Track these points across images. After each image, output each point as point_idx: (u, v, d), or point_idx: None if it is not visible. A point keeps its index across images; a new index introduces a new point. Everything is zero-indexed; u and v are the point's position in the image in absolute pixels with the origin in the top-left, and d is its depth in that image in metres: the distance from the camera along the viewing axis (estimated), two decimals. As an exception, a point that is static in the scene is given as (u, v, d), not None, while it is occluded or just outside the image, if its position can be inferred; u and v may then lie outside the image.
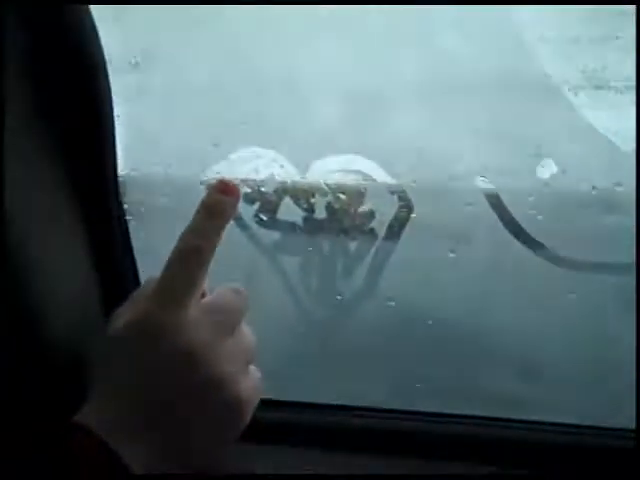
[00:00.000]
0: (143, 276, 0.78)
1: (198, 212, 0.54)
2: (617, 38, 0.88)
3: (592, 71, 0.90)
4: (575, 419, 0.82)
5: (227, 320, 0.53)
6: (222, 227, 0.54)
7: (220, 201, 0.54)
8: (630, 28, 0.75)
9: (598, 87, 0.91)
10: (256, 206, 1.06)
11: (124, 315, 0.53)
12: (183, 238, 0.52)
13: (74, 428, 0.48)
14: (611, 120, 0.94)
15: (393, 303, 1.00)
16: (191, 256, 0.52)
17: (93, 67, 0.64)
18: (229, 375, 0.52)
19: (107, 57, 0.62)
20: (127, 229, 0.78)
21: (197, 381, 0.50)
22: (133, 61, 0.92)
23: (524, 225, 1.03)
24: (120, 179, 0.73)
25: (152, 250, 0.97)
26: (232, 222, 1.03)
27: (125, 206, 0.82)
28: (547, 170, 0.98)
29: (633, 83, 0.83)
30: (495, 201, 1.03)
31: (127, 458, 0.47)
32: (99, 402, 0.50)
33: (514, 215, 1.04)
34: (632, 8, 0.76)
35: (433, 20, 0.92)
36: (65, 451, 0.47)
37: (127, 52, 0.93)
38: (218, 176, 1.02)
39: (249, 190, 1.03)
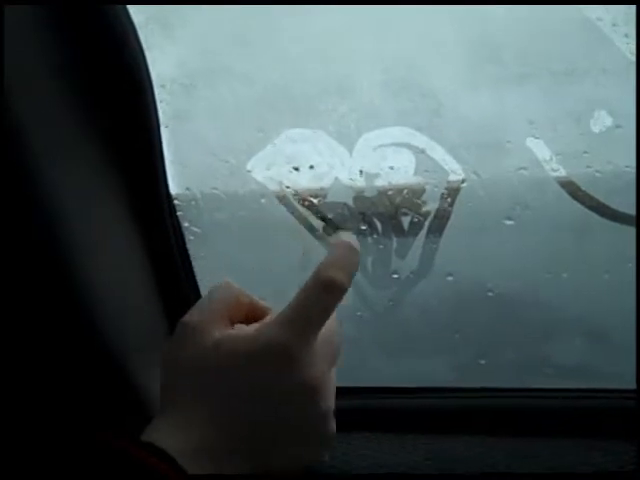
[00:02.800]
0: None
1: (337, 247, 0.53)
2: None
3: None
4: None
5: (337, 354, 0.54)
6: (357, 265, 0.54)
7: (355, 240, 0.54)
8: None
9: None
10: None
11: (213, 333, 0.52)
12: (324, 269, 0.51)
13: (146, 449, 0.47)
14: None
15: (451, 278, 0.98)
16: (331, 288, 0.51)
17: (136, 69, 0.63)
18: (331, 410, 0.53)
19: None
20: (181, 227, 0.78)
21: (311, 414, 0.51)
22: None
23: (582, 184, 1.00)
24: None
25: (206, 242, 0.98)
26: (283, 207, 1.04)
27: (176, 201, 0.82)
28: (601, 123, 0.94)
29: None
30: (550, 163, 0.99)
31: None
32: (184, 426, 0.49)
33: (570, 175, 1.00)
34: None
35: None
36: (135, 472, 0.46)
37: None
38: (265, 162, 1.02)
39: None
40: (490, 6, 0.85)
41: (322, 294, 0.51)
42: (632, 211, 0.97)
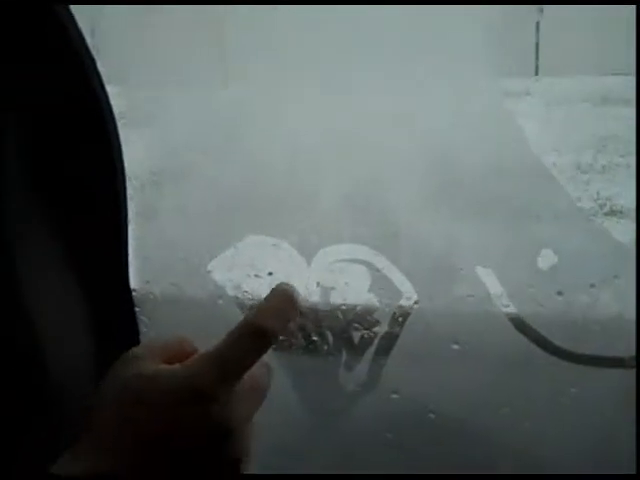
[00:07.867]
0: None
1: (273, 295, 0.53)
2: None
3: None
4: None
5: (260, 399, 0.54)
6: (294, 313, 0.54)
7: (293, 289, 0.54)
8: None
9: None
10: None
11: (143, 372, 0.52)
12: (255, 316, 0.52)
13: None
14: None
15: (397, 395, 0.99)
16: (259, 336, 0.51)
17: (110, 153, 0.65)
18: (241, 460, 0.52)
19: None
20: (138, 328, 0.78)
21: (222, 458, 0.51)
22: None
23: (526, 317, 1.03)
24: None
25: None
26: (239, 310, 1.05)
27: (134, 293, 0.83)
28: (547, 261, 0.98)
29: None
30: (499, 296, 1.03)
31: None
32: (97, 452, 0.49)
33: (516, 308, 1.04)
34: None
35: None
36: None
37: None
38: (225, 265, 1.04)
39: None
40: (458, 138, 0.90)
41: (249, 341, 0.50)
42: (573, 348, 1.01)
